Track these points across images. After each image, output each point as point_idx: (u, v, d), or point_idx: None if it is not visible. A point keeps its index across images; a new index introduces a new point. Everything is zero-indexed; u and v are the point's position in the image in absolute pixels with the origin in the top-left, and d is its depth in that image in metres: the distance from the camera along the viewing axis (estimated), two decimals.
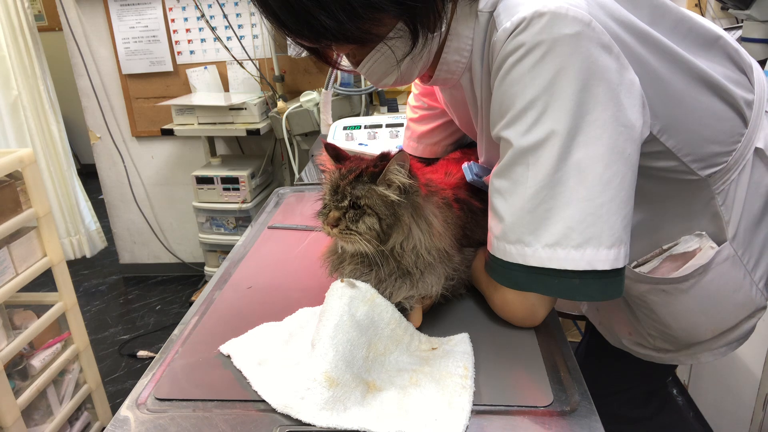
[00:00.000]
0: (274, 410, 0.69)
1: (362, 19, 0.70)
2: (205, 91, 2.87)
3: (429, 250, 0.81)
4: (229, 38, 2.79)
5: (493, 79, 0.73)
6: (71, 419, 1.91)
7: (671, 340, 0.93)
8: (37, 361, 1.71)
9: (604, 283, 0.71)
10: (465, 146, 1.17)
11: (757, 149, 0.84)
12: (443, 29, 0.77)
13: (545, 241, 0.70)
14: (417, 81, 0.96)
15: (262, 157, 2.93)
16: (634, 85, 0.69)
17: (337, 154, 0.86)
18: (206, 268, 2.97)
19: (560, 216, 0.69)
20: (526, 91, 0.68)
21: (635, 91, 0.69)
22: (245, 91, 2.88)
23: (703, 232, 0.85)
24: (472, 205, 0.92)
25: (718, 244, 0.84)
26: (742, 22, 1.75)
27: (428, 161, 1.14)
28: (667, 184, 0.83)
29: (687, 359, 0.94)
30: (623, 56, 0.68)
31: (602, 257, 0.69)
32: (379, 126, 1.77)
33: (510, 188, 0.72)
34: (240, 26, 2.78)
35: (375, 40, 0.75)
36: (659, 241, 0.88)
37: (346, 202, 0.80)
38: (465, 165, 0.93)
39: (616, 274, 0.71)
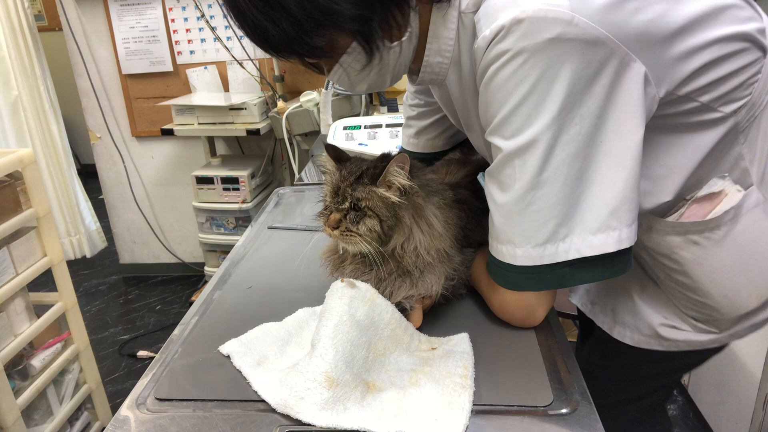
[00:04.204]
0: (274, 410, 0.69)
1: (309, 34, 0.71)
2: (205, 91, 2.87)
3: (429, 250, 0.81)
4: (229, 38, 2.79)
5: (479, 84, 0.74)
6: (71, 419, 1.91)
7: (711, 313, 0.87)
8: (37, 361, 1.71)
9: (595, 266, 0.73)
10: (464, 147, 1.17)
11: None
12: (406, 36, 0.77)
13: (535, 242, 0.72)
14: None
15: (262, 157, 2.93)
16: (630, 69, 0.67)
17: (337, 155, 0.86)
18: (206, 268, 2.97)
19: (548, 216, 0.70)
20: (510, 97, 0.68)
21: (632, 76, 0.67)
22: (245, 91, 2.87)
23: (726, 174, 0.82)
24: (473, 206, 0.92)
25: (745, 189, 0.81)
26: None
27: (428, 162, 1.14)
28: (690, 129, 0.79)
29: (727, 338, 0.89)
30: (615, 40, 0.65)
31: (588, 244, 0.70)
32: (379, 126, 1.77)
33: (499, 191, 0.74)
34: None
35: (330, 55, 0.75)
36: (685, 193, 0.84)
37: (346, 204, 0.80)
38: (480, 176, 0.88)
39: (611, 257, 0.72)
